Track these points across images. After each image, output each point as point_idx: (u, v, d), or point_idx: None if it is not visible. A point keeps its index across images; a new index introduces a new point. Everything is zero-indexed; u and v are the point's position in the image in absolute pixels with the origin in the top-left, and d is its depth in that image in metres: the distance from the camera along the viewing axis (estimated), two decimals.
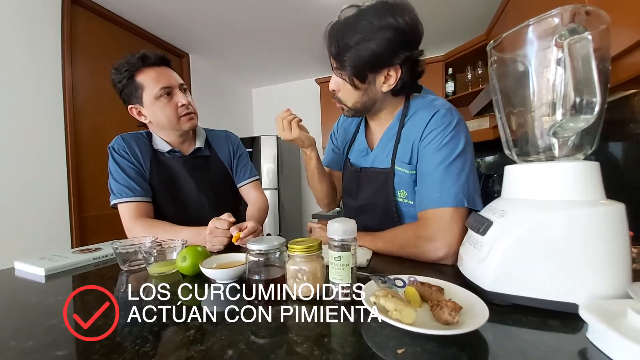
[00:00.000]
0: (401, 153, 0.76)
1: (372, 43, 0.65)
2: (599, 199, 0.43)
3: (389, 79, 0.70)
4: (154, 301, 0.53)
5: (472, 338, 0.36)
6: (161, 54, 0.97)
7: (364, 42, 0.65)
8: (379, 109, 0.79)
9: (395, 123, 0.79)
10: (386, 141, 0.81)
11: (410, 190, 0.75)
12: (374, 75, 0.70)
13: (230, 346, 0.36)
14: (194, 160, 1.07)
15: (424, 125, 0.71)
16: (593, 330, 0.35)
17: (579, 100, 0.38)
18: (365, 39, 0.65)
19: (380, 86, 0.72)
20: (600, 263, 0.40)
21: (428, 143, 0.70)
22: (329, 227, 0.49)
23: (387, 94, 0.74)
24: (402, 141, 0.76)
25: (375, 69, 0.69)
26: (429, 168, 0.70)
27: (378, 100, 0.76)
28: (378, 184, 0.80)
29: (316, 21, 2.29)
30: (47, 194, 1.64)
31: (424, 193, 0.70)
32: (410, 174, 0.74)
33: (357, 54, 0.66)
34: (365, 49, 0.65)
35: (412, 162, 0.74)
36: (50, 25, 1.70)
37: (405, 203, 0.77)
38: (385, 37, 0.65)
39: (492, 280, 0.44)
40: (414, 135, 0.74)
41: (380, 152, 0.82)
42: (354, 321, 0.42)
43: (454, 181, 0.66)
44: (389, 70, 0.69)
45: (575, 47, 0.40)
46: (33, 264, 0.72)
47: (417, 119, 0.74)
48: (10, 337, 0.41)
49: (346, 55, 0.68)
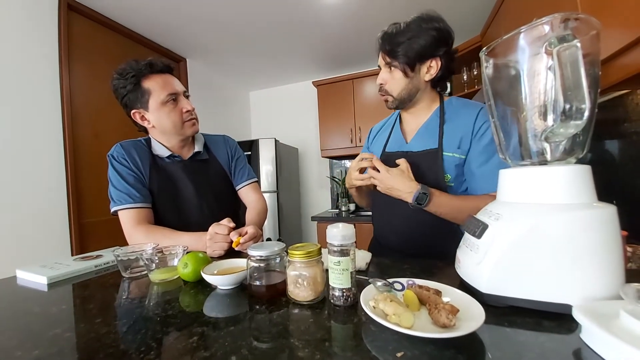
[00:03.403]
0: (447, 141, 0.86)
1: (421, 39, 0.82)
2: (591, 201, 0.44)
3: (431, 69, 0.85)
4: (157, 308, 0.53)
5: (469, 340, 0.37)
6: (167, 62, 1.01)
7: (415, 38, 0.82)
8: (418, 100, 0.91)
9: (434, 118, 0.91)
10: (425, 133, 0.91)
11: (453, 173, 0.85)
12: (420, 66, 0.85)
13: (233, 352, 0.37)
14: (193, 164, 1.08)
15: (473, 118, 0.84)
16: (586, 331, 0.36)
17: (568, 106, 0.39)
18: (415, 35, 0.82)
19: (423, 75, 0.86)
20: (593, 265, 0.41)
21: (483, 133, 0.82)
22: (329, 233, 0.49)
23: (427, 84, 0.89)
24: (447, 133, 0.87)
25: (422, 60, 0.84)
26: (488, 156, 0.81)
27: (420, 90, 0.89)
28: (427, 164, 0.87)
29: (313, 24, 2.30)
30: (46, 201, 1.64)
31: (487, 177, 0.80)
32: (459, 158, 0.84)
33: (409, 46, 0.82)
34: (416, 42, 0.82)
35: (462, 148, 0.84)
36: (47, 32, 1.70)
37: (448, 186, 0.86)
38: (431, 35, 0.82)
39: (488, 283, 0.45)
40: (462, 127, 0.85)
41: (418, 140, 0.91)
42: (354, 325, 0.43)
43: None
44: (431, 62, 0.84)
45: (564, 55, 0.41)
46: (35, 272, 0.72)
47: (464, 113, 0.87)
48: (16, 347, 0.41)
49: (400, 48, 0.83)
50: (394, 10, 2.11)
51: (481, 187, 0.82)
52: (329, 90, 2.99)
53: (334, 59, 2.91)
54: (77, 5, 1.84)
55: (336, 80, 2.93)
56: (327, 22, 2.27)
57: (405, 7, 2.10)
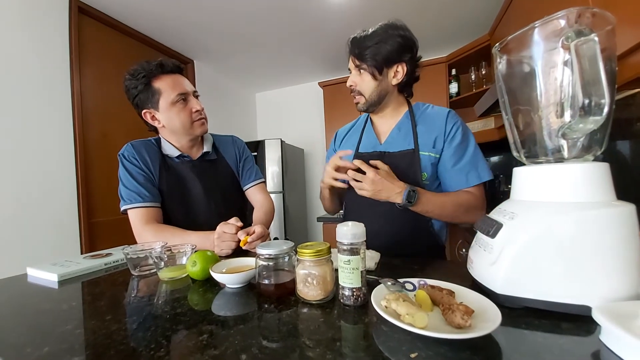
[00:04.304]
0: (422, 142, 0.90)
1: (387, 44, 0.86)
2: (610, 200, 0.43)
3: (397, 74, 0.90)
4: (166, 306, 0.53)
5: (485, 342, 0.36)
6: (177, 63, 1.02)
7: (382, 43, 0.86)
8: (387, 103, 0.95)
9: (405, 121, 0.96)
10: (399, 134, 0.94)
11: (429, 172, 0.89)
12: (387, 70, 0.89)
13: (243, 350, 0.37)
14: (202, 164, 1.08)
15: (444, 121, 0.90)
16: (606, 333, 0.35)
17: (587, 101, 0.38)
18: (382, 40, 0.86)
19: (391, 79, 0.90)
20: (612, 265, 0.40)
21: (453, 135, 0.89)
22: (338, 231, 0.49)
23: (394, 88, 0.93)
24: (421, 134, 0.91)
25: (389, 64, 0.88)
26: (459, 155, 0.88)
27: (388, 93, 0.93)
28: (404, 164, 0.89)
29: (318, 25, 2.31)
30: (56, 201, 1.66)
31: (462, 174, 0.87)
32: (434, 157, 0.89)
33: (377, 50, 0.86)
34: (383, 47, 0.86)
35: (437, 147, 0.89)
36: (58, 34, 1.73)
37: (425, 184, 0.89)
38: (397, 41, 0.86)
39: (503, 283, 0.44)
40: (435, 129, 0.90)
41: (393, 142, 0.94)
42: (365, 325, 0.42)
43: (482, 160, 0.89)
44: (397, 67, 0.89)
45: (582, 48, 0.40)
46: (46, 269, 0.73)
47: (433, 115, 0.93)
48: (26, 344, 0.41)
49: (367, 52, 0.87)
50: (398, 10, 2.10)
51: (456, 183, 0.89)
52: (335, 91, 2.98)
53: (339, 59, 2.90)
54: (87, 8, 1.87)
55: (342, 81, 2.92)
56: (332, 22, 2.27)
57: (409, 7, 2.09)
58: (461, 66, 2.49)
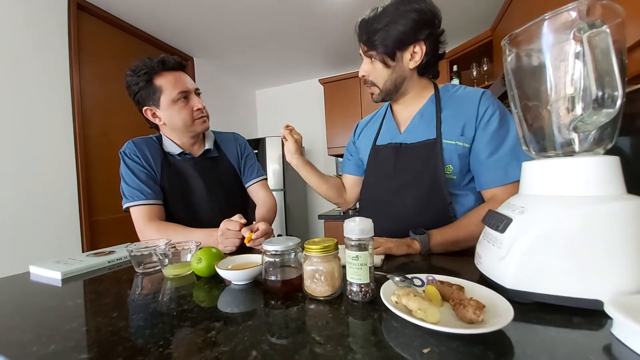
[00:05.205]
0: (448, 129, 0.79)
1: (399, 24, 0.74)
2: (621, 193, 0.42)
3: (415, 55, 0.77)
4: (172, 303, 0.53)
5: (497, 337, 0.35)
6: (179, 59, 1.00)
7: (392, 24, 0.74)
8: (407, 89, 0.84)
9: (429, 105, 0.83)
10: (420, 121, 0.83)
11: (457, 164, 0.78)
12: (401, 53, 0.77)
13: (253, 347, 0.36)
14: (204, 161, 1.08)
15: (476, 103, 0.77)
16: (618, 326, 0.35)
17: (600, 94, 0.38)
18: (392, 21, 0.74)
19: (407, 63, 0.78)
20: (623, 258, 0.40)
21: (489, 119, 0.75)
22: (346, 227, 0.48)
23: (413, 72, 0.81)
24: (446, 120, 0.79)
25: (403, 47, 0.76)
26: (497, 143, 0.74)
27: (407, 78, 0.81)
28: (424, 157, 0.80)
29: (318, 22, 2.29)
30: (57, 199, 1.66)
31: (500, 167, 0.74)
32: (463, 147, 0.77)
33: (386, 34, 0.75)
34: (394, 29, 0.74)
35: (466, 135, 0.77)
36: (57, 32, 1.71)
37: (450, 179, 0.79)
38: (410, 18, 0.74)
39: (513, 278, 0.44)
40: (465, 114, 0.78)
41: (413, 130, 0.84)
42: (374, 321, 0.42)
43: (524, 153, 0.68)
44: (414, 47, 0.77)
45: (595, 40, 0.39)
46: (49, 267, 0.72)
47: (463, 98, 0.80)
48: (32, 342, 0.41)
49: (376, 36, 0.76)
50: None
51: (493, 179, 0.75)
52: (336, 88, 2.97)
53: (340, 56, 2.89)
54: (86, 4, 1.86)
55: (343, 77, 2.91)
56: (332, 19, 2.26)
57: None
58: (462, 62, 2.47)
